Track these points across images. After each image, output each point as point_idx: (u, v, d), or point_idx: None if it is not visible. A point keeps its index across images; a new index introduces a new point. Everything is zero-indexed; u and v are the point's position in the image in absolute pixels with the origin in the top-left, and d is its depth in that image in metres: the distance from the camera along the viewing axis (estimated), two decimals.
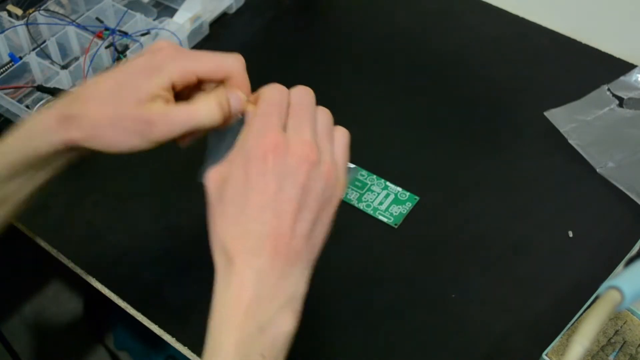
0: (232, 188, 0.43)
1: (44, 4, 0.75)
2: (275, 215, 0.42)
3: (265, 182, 0.42)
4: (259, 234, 0.42)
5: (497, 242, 0.62)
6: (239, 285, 0.41)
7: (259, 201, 0.42)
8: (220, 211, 0.44)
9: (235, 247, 0.42)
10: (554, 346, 0.53)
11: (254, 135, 0.43)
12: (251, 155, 0.43)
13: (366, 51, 0.80)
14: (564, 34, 0.80)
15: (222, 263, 0.43)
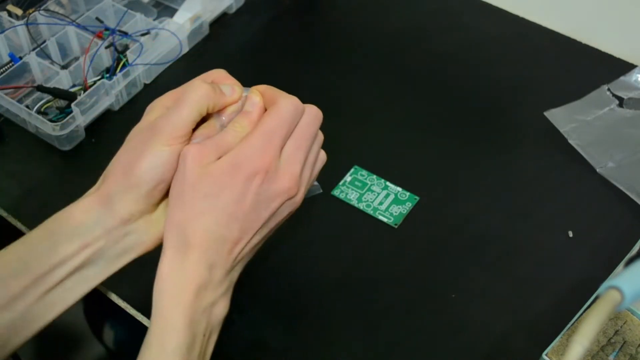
0: (210, 184, 0.44)
1: (44, 4, 0.75)
2: (241, 228, 0.45)
3: (244, 196, 0.44)
4: (221, 238, 0.45)
5: (497, 242, 0.62)
6: (193, 270, 0.44)
7: (232, 210, 0.44)
8: (190, 196, 0.45)
9: (195, 239, 0.44)
10: (554, 346, 0.53)
11: (253, 147, 0.45)
12: (242, 165, 0.44)
13: (366, 51, 0.80)
14: (564, 34, 0.80)
15: (175, 243, 0.44)
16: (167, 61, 0.76)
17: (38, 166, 0.68)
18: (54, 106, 0.69)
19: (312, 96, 0.75)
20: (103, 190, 0.46)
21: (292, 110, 0.47)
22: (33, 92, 0.71)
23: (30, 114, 0.67)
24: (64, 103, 0.69)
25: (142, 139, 0.46)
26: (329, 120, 0.73)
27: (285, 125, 0.46)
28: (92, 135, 0.70)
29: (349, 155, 0.68)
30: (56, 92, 0.69)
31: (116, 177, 0.46)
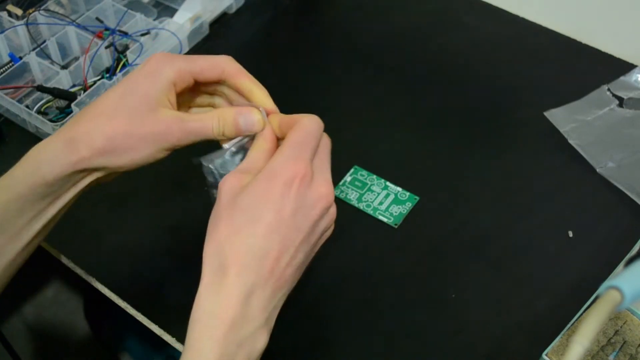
0: (249, 199, 0.43)
1: (44, 4, 0.75)
2: (282, 241, 0.43)
3: (283, 203, 0.43)
4: (261, 253, 0.42)
5: (497, 242, 0.62)
6: (229, 297, 0.42)
7: (271, 221, 0.43)
8: (228, 216, 0.44)
9: (234, 257, 0.42)
10: (554, 346, 0.53)
11: (287, 157, 0.44)
12: (278, 175, 0.43)
13: (366, 51, 0.80)
14: (564, 34, 0.80)
15: (213, 266, 0.43)
16: None
17: None
18: (54, 106, 0.69)
19: (312, 96, 0.75)
20: (83, 157, 0.46)
21: (316, 126, 0.47)
22: (33, 92, 0.71)
23: (30, 114, 0.67)
24: (64, 103, 0.69)
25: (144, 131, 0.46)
26: (329, 120, 0.73)
27: (313, 138, 0.46)
28: None
29: (349, 155, 0.68)
30: (56, 92, 0.69)
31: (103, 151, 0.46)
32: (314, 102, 0.74)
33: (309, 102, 0.74)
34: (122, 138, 0.46)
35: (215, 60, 0.50)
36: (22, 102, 0.70)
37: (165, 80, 0.47)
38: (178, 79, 0.48)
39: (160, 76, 0.47)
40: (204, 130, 0.47)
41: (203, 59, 0.49)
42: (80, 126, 0.47)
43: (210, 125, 0.47)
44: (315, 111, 0.73)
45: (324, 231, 0.46)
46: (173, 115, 0.47)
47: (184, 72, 0.48)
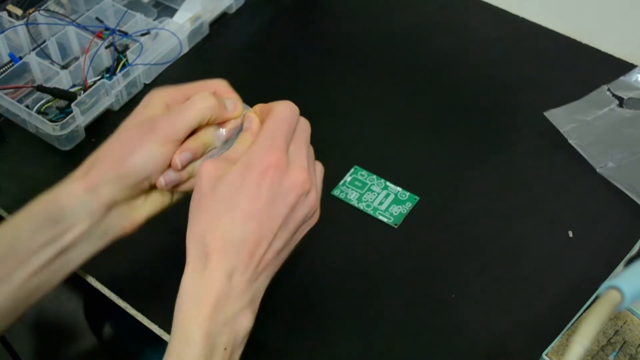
0: (226, 187, 0.45)
1: (44, 4, 0.75)
2: (259, 226, 0.45)
3: (259, 192, 0.45)
4: (240, 238, 0.45)
5: (497, 242, 0.62)
6: (213, 279, 0.44)
7: (248, 208, 0.45)
8: (207, 205, 0.46)
9: (215, 244, 0.44)
10: (554, 346, 0.53)
11: (261, 147, 0.46)
12: (253, 165, 0.45)
13: (366, 51, 0.80)
14: (564, 34, 0.80)
15: (196, 253, 0.45)
16: (167, 61, 0.76)
17: (38, 166, 0.68)
18: (54, 106, 0.69)
19: (312, 96, 0.75)
20: (91, 176, 0.48)
21: (288, 112, 0.49)
22: (33, 92, 0.71)
23: (30, 114, 0.67)
24: (64, 103, 0.69)
25: (138, 132, 0.49)
26: (329, 120, 0.73)
27: (286, 125, 0.48)
28: (92, 135, 0.70)
29: (349, 155, 0.68)
30: (56, 92, 0.69)
31: (106, 165, 0.48)
32: (314, 102, 0.74)
33: (309, 102, 0.74)
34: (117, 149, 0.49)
35: (207, 82, 0.53)
36: (22, 102, 0.70)
37: (156, 104, 0.50)
38: (170, 99, 0.51)
39: (152, 102, 0.50)
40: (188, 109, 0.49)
41: (195, 83, 0.53)
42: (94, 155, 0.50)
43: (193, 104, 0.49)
44: (315, 111, 0.73)
45: (304, 218, 0.48)
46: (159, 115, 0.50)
47: (176, 93, 0.51)
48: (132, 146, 0.48)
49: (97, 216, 0.49)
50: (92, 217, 0.48)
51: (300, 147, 0.48)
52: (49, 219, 0.48)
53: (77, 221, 0.48)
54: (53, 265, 0.49)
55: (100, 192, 0.48)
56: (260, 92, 0.75)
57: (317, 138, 0.70)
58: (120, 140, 0.49)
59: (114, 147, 0.49)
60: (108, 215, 0.49)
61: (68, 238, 0.48)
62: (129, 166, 0.48)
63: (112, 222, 0.50)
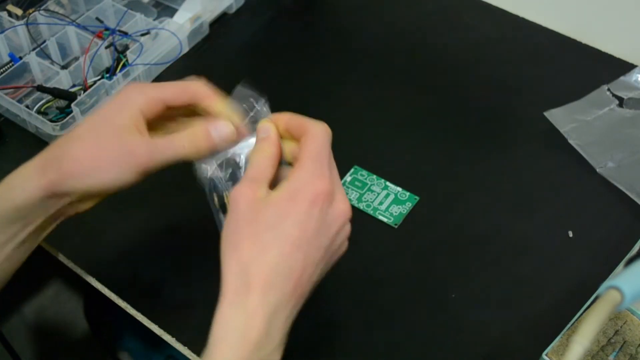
0: (272, 213, 0.43)
1: (44, 4, 0.75)
2: (305, 258, 0.43)
3: (309, 221, 0.43)
4: (286, 271, 0.43)
5: (497, 242, 0.62)
6: (255, 316, 0.42)
7: (297, 238, 0.43)
8: (250, 231, 0.43)
9: (260, 276, 0.42)
10: (554, 346, 0.53)
11: (311, 174, 0.44)
12: (304, 192, 0.43)
13: (366, 51, 0.80)
14: (564, 34, 0.80)
15: (236, 285, 0.42)
16: (167, 61, 0.76)
17: None
18: (54, 106, 0.69)
19: (312, 96, 0.75)
20: (53, 181, 0.47)
21: (327, 134, 0.47)
22: (33, 92, 0.71)
23: (30, 114, 0.67)
24: (64, 103, 0.69)
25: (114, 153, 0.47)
26: (329, 120, 0.73)
27: (327, 149, 0.46)
28: None
29: (349, 155, 0.68)
30: (56, 92, 0.69)
31: (71, 173, 0.47)
32: (314, 102, 0.74)
33: (309, 102, 0.74)
34: (89, 160, 0.47)
35: (185, 84, 0.51)
36: (22, 102, 0.70)
37: (133, 109, 0.48)
38: (146, 106, 0.48)
39: (128, 105, 0.48)
40: (173, 148, 0.48)
41: (173, 84, 0.51)
42: (51, 152, 0.48)
43: (180, 144, 0.48)
44: (315, 111, 0.73)
45: (339, 247, 0.47)
46: (139, 138, 0.47)
47: (152, 99, 0.49)
48: (104, 164, 0.47)
49: (52, 211, 0.49)
50: (48, 212, 0.49)
51: (336, 171, 0.47)
52: (8, 220, 0.48)
53: (35, 218, 0.49)
54: (13, 256, 0.50)
55: (59, 194, 0.48)
56: (260, 92, 0.75)
57: None
58: (95, 152, 0.47)
59: (85, 157, 0.47)
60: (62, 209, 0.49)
61: (25, 233, 0.49)
62: (96, 183, 0.47)
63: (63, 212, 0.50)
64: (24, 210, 0.48)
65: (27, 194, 0.47)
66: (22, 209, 0.48)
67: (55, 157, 0.48)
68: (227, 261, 0.43)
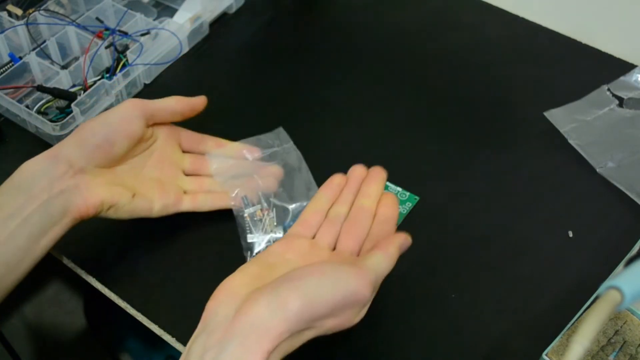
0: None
1: (44, 4, 0.75)
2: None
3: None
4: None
5: (497, 242, 0.62)
6: None
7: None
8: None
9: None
10: (554, 346, 0.53)
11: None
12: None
13: (366, 51, 0.80)
14: (564, 34, 0.80)
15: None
16: (167, 61, 0.76)
17: None
18: (54, 106, 0.69)
19: (312, 96, 0.75)
20: (56, 147, 0.52)
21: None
22: (33, 92, 0.71)
23: (30, 114, 0.67)
24: (64, 103, 0.69)
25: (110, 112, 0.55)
26: (329, 120, 0.73)
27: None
28: None
29: (349, 155, 0.68)
30: (56, 92, 0.69)
31: (73, 137, 0.53)
32: (314, 102, 0.74)
33: (309, 102, 0.74)
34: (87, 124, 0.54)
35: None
36: (22, 102, 0.70)
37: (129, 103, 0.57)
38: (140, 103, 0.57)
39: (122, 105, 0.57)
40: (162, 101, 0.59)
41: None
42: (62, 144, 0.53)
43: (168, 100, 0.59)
44: (315, 111, 0.74)
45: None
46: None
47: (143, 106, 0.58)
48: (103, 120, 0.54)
49: (55, 185, 0.50)
50: (51, 185, 0.50)
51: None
52: (12, 190, 0.50)
53: (37, 190, 0.50)
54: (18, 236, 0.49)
55: (60, 156, 0.51)
56: (260, 92, 0.75)
57: (317, 138, 0.70)
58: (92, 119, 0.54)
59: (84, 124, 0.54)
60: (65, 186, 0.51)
61: (29, 209, 0.49)
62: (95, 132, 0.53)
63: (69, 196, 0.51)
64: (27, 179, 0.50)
65: (30, 163, 0.51)
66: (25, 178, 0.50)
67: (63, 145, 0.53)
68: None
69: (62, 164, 0.51)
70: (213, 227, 0.62)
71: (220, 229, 0.62)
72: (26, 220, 0.50)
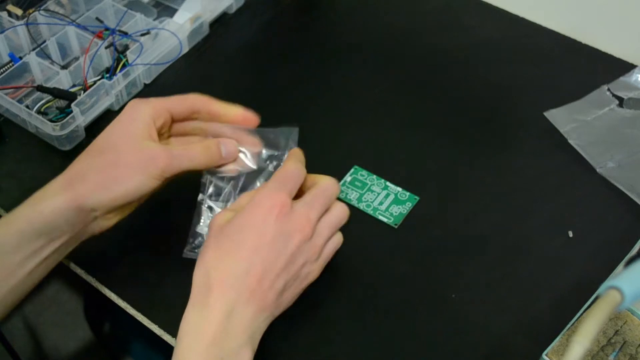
0: (234, 227, 0.48)
1: (44, 4, 0.75)
2: (262, 262, 0.47)
3: (265, 228, 0.47)
4: (244, 272, 0.46)
5: (497, 242, 0.62)
6: (212, 313, 0.45)
7: (254, 243, 0.47)
8: (214, 243, 0.48)
9: (218, 277, 0.46)
10: (554, 346, 0.53)
11: (269, 189, 0.50)
12: (260, 204, 0.48)
13: (366, 51, 0.80)
14: (564, 34, 0.80)
15: (200, 288, 0.46)
16: (167, 61, 0.76)
17: (38, 166, 0.68)
18: (54, 106, 0.69)
19: (312, 96, 0.75)
20: (79, 193, 0.50)
21: (300, 174, 0.53)
22: (33, 92, 0.71)
23: (30, 114, 0.67)
24: (64, 103, 0.69)
25: (136, 161, 0.50)
26: (329, 120, 0.73)
27: (296, 179, 0.52)
28: (92, 135, 0.70)
29: (349, 155, 0.68)
30: (56, 92, 0.69)
31: (96, 184, 0.50)
32: (314, 102, 0.74)
33: (309, 102, 0.74)
34: (111, 169, 0.50)
35: (184, 95, 0.56)
36: (22, 102, 0.70)
37: (144, 118, 0.52)
38: (155, 114, 0.53)
39: (138, 115, 0.52)
40: (189, 156, 0.53)
41: (174, 97, 0.56)
42: (74, 168, 0.51)
43: (195, 153, 0.53)
44: (315, 111, 0.74)
45: (304, 265, 0.50)
46: (157, 145, 0.52)
47: (159, 108, 0.54)
48: (128, 172, 0.50)
49: (77, 228, 0.51)
50: (73, 229, 0.51)
51: (313, 202, 0.51)
52: (34, 233, 0.49)
53: (60, 234, 0.51)
54: (35, 272, 0.51)
55: (85, 209, 0.50)
56: (261, 92, 0.76)
57: (317, 138, 0.70)
58: (116, 162, 0.50)
59: (107, 167, 0.50)
60: (88, 225, 0.52)
61: (50, 249, 0.51)
62: (121, 190, 0.50)
63: (87, 229, 0.53)
64: (50, 224, 0.50)
65: (53, 208, 0.49)
66: (48, 223, 0.49)
67: (79, 172, 0.51)
68: (195, 271, 0.48)
69: (86, 212, 0.51)
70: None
71: None
72: (45, 259, 0.51)
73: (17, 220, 0.50)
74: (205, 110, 0.56)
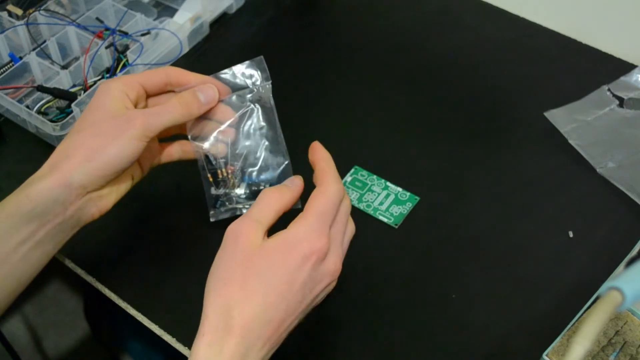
0: (264, 261, 0.45)
1: (44, 4, 0.75)
2: (286, 309, 0.45)
3: (297, 275, 0.45)
4: (267, 319, 0.44)
5: (497, 242, 0.62)
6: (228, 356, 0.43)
7: (283, 289, 0.44)
8: (240, 274, 0.45)
9: (242, 320, 0.43)
10: (555, 346, 0.53)
11: (310, 229, 0.46)
12: (299, 247, 0.45)
13: (366, 51, 0.80)
14: (564, 34, 0.80)
15: (218, 322, 0.44)
16: (167, 61, 0.76)
17: (38, 166, 0.68)
18: (54, 106, 0.69)
19: (312, 96, 0.75)
20: (64, 170, 0.49)
21: (340, 197, 0.48)
22: (33, 92, 0.71)
23: (30, 114, 0.67)
24: (64, 103, 0.69)
25: (114, 126, 0.50)
26: (329, 120, 0.73)
27: (335, 209, 0.48)
28: None
29: (349, 155, 0.68)
30: (56, 92, 0.69)
31: (80, 157, 0.49)
32: (314, 102, 0.74)
33: (309, 102, 0.74)
34: (91, 141, 0.50)
35: (157, 68, 0.56)
36: (22, 102, 0.70)
37: (115, 92, 0.51)
38: (126, 88, 0.52)
39: (109, 91, 0.52)
40: (166, 110, 0.52)
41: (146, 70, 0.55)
42: (57, 151, 0.51)
43: (171, 106, 0.52)
44: (315, 111, 0.74)
45: (322, 300, 0.48)
46: (132, 109, 0.51)
47: (130, 81, 0.53)
48: (107, 139, 0.50)
49: (70, 209, 0.50)
50: (65, 210, 0.50)
51: (339, 231, 0.48)
52: (24, 218, 0.49)
53: (52, 217, 0.50)
54: (29, 258, 0.50)
55: (74, 185, 0.49)
56: None
57: (317, 138, 0.70)
58: (95, 133, 0.50)
59: (87, 140, 0.50)
60: (79, 206, 0.51)
61: (42, 233, 0.50)
62: (104, 158, 0.49)
63: (83, 211, 0.51)
64: (39, 207, 0.49)
65: (40, 189, 0.49)
66: (37, 206, 0.49)
67: (62, 152, 0.50)
68: (212, 298, 0.45)
69: (75, 189, 0.50)
70: (214, 227, 0.62)
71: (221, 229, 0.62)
72: (39, 243, 0.50)
73: (6, 206, 0.49)
74: (178, 80, 0.54)
